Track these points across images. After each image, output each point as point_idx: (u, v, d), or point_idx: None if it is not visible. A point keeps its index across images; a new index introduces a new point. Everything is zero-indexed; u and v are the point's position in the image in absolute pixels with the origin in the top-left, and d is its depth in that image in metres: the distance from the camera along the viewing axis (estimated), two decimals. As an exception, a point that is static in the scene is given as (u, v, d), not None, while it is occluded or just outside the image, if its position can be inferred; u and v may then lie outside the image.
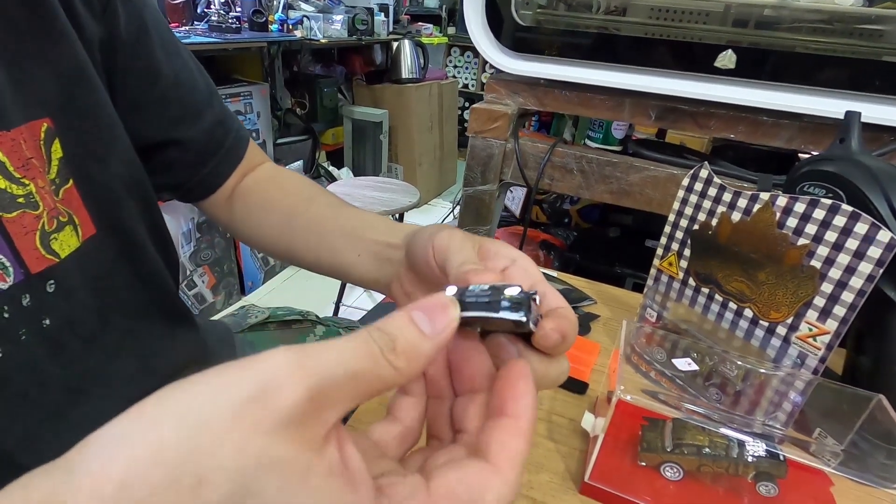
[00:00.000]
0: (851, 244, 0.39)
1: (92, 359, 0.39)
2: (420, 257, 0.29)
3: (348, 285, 1.96)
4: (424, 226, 0.31)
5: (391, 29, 2.78)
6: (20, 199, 0.32)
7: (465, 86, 3.66)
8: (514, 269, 0.26)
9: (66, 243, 0.36)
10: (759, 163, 1.03)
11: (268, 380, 0.14)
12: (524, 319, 0.19)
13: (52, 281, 0.35)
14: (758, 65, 0.65)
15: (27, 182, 0.33)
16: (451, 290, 0.20)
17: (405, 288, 0.33)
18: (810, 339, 0.42)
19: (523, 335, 0.22)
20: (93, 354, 0.39)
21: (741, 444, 0.37)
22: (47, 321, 0.35)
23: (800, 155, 0.92)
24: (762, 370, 0.43)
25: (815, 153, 0.69)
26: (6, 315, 0.32)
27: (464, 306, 0.19)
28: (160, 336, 0.46)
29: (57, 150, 0.35)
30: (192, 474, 0.13)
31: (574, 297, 0.63)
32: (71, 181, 0.36)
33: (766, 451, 0.36)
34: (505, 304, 0.19)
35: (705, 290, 0.50)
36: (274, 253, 0.48)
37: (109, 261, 0.40)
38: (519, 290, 0.20)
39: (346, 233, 0.40)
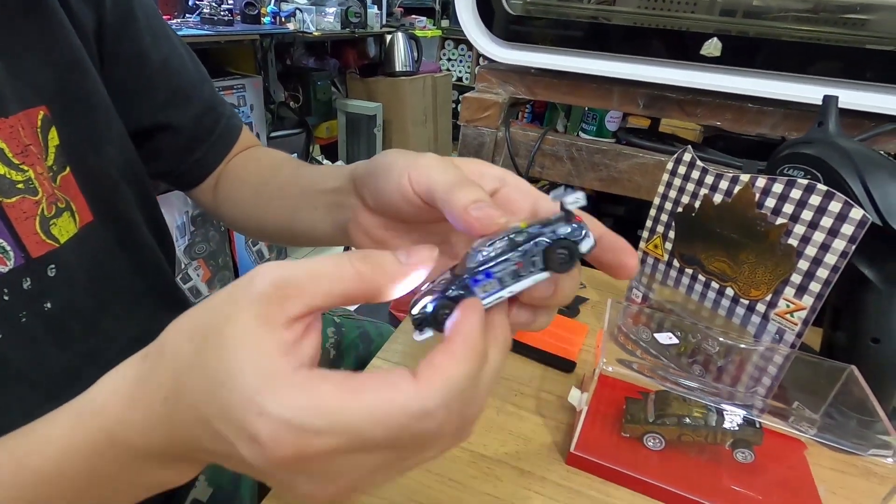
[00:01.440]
0: (826, 222, 0.40)
1: (91, 341, 0.39)
2: (394, 194, 0.25)
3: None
4: (377, 158, 0.27)
5: (384, 22, 2.77)
6: (19, 185, 0.33)
7: (459, 79, 3.66)
8: (508, 190, 0.25)
9: (65, 229, 0.36)
10: (749, 152, 1.04)
11: (251, 276, 0.19)
12: (586, 248, 0.19)
13: (52, 265, 0.35)
14: (743, 53, 0.66)
15: (26, 168, 0.34)
16: (410, 255, 0.20)
17: (370, 233, 0.30)
18: (788, 316, 0.44)
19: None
20: (92, 337, 0.39)
21: (720, 413, 0.38)
22: (48, 304, 0.36)
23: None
24: (742, 346, 0.45)
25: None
26: (6, 297, 0.33)
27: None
28: (157, 320, 0.47)
29: (54, 137, 0.36)
30: (200, 330, 0.19)
31: (563, 281, 0.64)
32: (68, 168, 0.37)
33: (744, 419, 0.37)
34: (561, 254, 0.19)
35: (689, 271, 0.51)
36: (249, 230, 0.47)
37: (107, 247, 0.41)
38: (555, 223, 0.19)
39: (303, 190, 0.38)
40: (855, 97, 0.63)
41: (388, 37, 2.70)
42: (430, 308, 0.20)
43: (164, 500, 0.39)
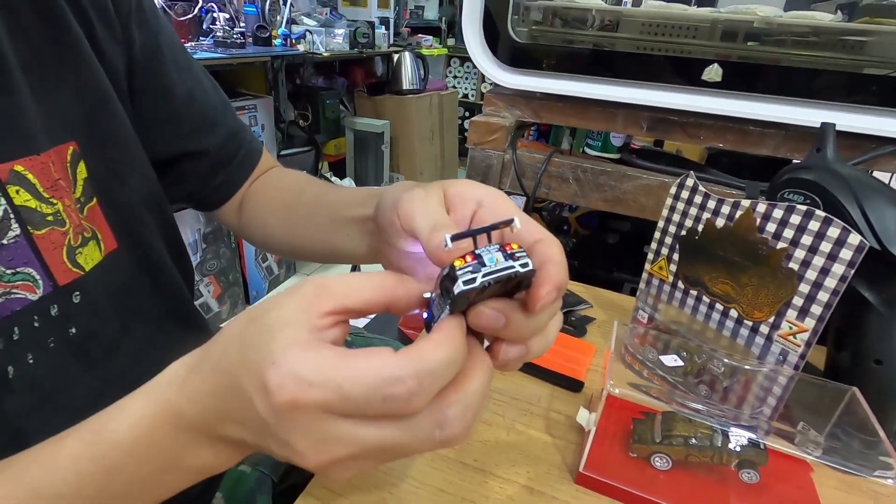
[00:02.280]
0: (825, 247, 0.41)
1: (115, 365, 0.41)
2: (388, 229, 0.30)
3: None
4: (387, 190, 0.32)
5: (392, 41, 2.83)
6: (49, 217, 0.35)
7: (465, 96, 3.72)
8: (483, 211, 0.27)
9: (90, 257, 0.38)
10: (754, 169, 1.06)
11: (300, 284, 0.23)
12: (532, 270, 0.21)
13: (77, 292, 0.37)
14: (743, 78, 0.68)
15: (55, 201, 0.35)
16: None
17: (391, 260, 0.33)
18: (791, 337, 0.45)
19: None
20: (116, 361, 0.41)
21: (725, 434, 0.39)
22: (73, 330, 0.37)
23: (792, 161, 0.95)
24: (746, 367, 0.46)
25: (797, 161, 0.72)
26: (36, 324, 0.35)
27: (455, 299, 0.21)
28: (177, 342, 0.49)
29: (82, 170, 0.38)
30: (251, 316, 0.24)
31: (570, 301, 0.66)
32: (94, 199, 0.39)
33: (748, 440, 0.38)
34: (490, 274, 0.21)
35: (693, 293, 0.52)
36: (279, 249, 0.50)
37: (129, 273, 0.42)
38: (497, 254, 0.21)
39: (332, 215, 0.42)
40: (855, 120, 0.65)
41: (396, 56, 2.76)
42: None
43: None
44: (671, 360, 0.47)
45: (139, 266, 0.43)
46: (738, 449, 0.39)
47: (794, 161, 0.76)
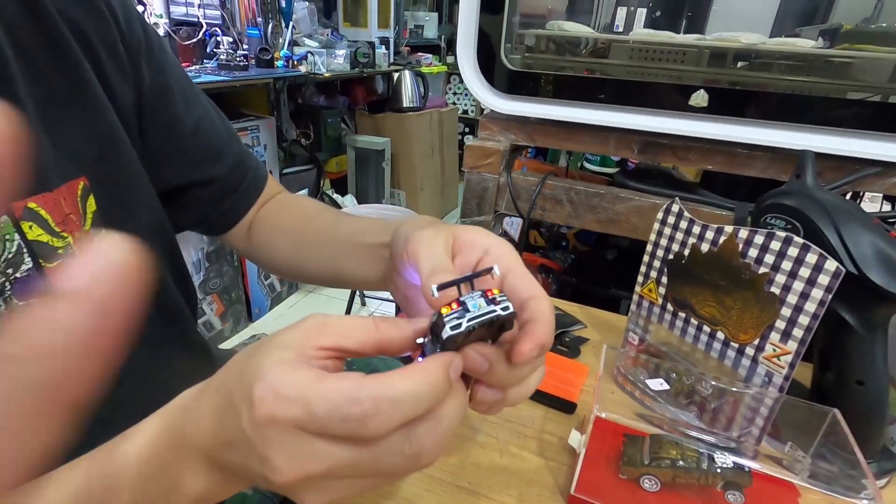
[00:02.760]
0: (804, 272, 0.43)
1: (120, 390, 0.43)
2: (398, 260, 0.32)
3: (353, 311, 2.00)
4: (405, 223, 0.34)
5: (392, 60, 2.88)
6: (60, 251, 0.37)
7: (465, 112, 3.76)
8: (488, 259, 0.29)
9: None
10: (750, 186, 1.07)
11: (303, 320, 0.25)
12: (513, 312, 0.23)
13: None
14: (728, 102, 0.70)
15: (66, 235, 0.37)
16: (421, 322, 0.25)
17: (399, 287, 0.35)
18: (775, 359, 0.46)
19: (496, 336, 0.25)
20: (121, 386, 0.43)
21: (710, 456, 0.40)
22: None
23: (783, 182, 0.97)
24: (733, 389, 0.47)
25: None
26: None
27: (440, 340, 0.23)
28: (180, 368, 0.50)
29: (91, 204, 0.40)
30: (250, 354, 0.25)
31: (565, 322, 0.67)
32: (103, 232, 0.41)
33: (733, 462, 0.39)
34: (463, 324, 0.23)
35: (682, 315, 0.54)
36: (287, 273, 0.52)
37: None
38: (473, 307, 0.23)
39: (344, 241, 0.44)
40: (837, 143, 0.67)
41: (396, 74, 2.80)
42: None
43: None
44: (657, 384, 0.48)
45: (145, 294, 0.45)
46: (722, 471, 0.40)
47: (782, 182, 0.78)
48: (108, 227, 0.41)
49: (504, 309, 0.23)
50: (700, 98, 0.70)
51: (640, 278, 0.58)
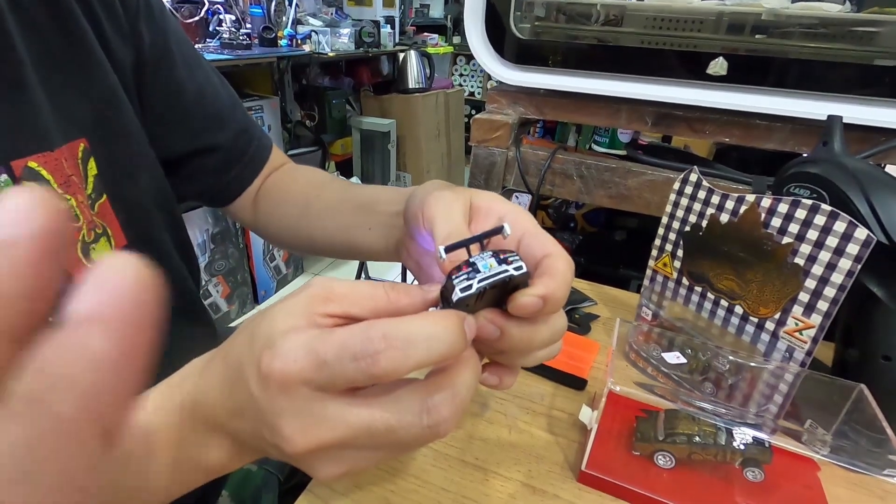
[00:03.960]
0: (831, 242, 0.41)
1: None
2: (412, 222, 0.31)
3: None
4: (421, 186, 0.32)
5: (397, 40, 2.83)
6: None
7: (472, 94, 3.71)
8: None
9: (102, 253, 0.39)
10: (763, 163, 1.04)
11: (308, 283, 0.23)
12: (526, 273, 0.21)
13: None
14: (749, 71, 0.67)
15: (69, 197, 0.36)
16: (434, 290, 0.23)
17: (411, 254, 0.35)
18: (797, 334, 0.44)
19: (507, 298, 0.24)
20: None
21: (729, 432, 0.39)
22: None
23: (801, 155, 0.94)
24: (752, 364, 0.45)
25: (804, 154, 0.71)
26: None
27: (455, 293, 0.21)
28: (184, 336, 0.49)
29: (92, 167, 0.39)
30: (257, 318, 0.23)
31: (575, 299, 0.65)
32: (105, 196, 0.40)
33: (752, 438, 0.38)
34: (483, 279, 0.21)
35: (698, 289, 0.52)
36: (294, 244, 0.51)
37: None
38: (491, 258, 0.22)
39: (357, 209, 0.42)
40: (864, 112, 0.64)
41: (401, 55, 2.76)
42: None
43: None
44: (674, 358, 0.46)
45: (148, 262, 0.44)
46: (742, 447, 0.38)
47: (801, 154, 0.75)
48: (109, 192, 0.40)
49: (517, 269, 0.21)
50: (719, 66, 0.67)
51: (653, 252, 0.56)
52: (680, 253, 0.53)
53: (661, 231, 0.54)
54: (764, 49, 0.73)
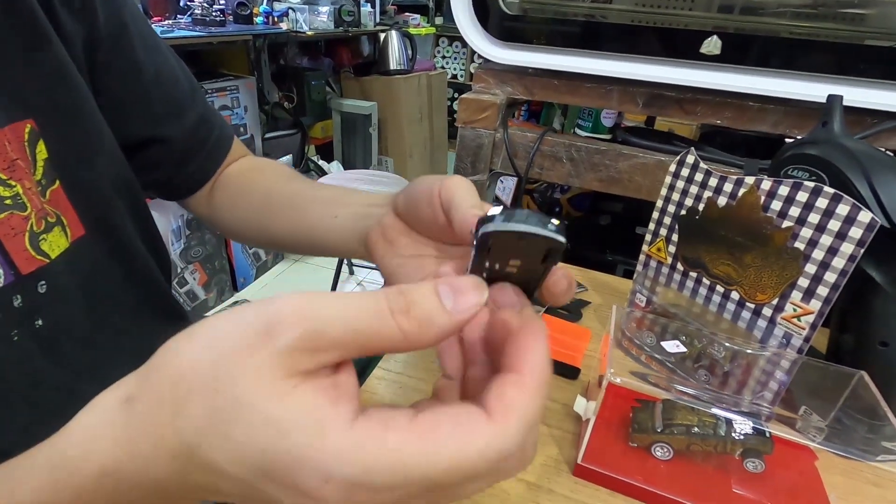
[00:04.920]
0: (833, 225, 0.39)
1: (86, 358, 0.39)
2: (423, 198, 0.28)
3: (340, 280, 1.96)
4: (411, 183, 0.31)
5: (378, 20, 2.75)
6: (7, 201, 0.32)
7: (454, 76, 3.65)
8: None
9: (56, 244, 0.36)
10: (748, 148, 1.04)
11: (273, 320, 0.17)
12: (562, 240, 0.19)
13: (42, 282, 0.35)
14: (742, 50, 0.66)
15: (14, 183, 0.33)
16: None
17: (386, 235, 0.32)
18: (795, 320, 0.43)
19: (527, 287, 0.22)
20: (87, 354, 0.39)
21: (728, 422, 0.38)
22: (40, 321, 0.35)
23: (786, 139, 0.93)
24: (748, 351, 0.44)
25: (800, 137, 0.70)
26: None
27: (504, 218, 0.19)
28: (154, 333, 0.46)
29: (42, 150, 0.35)
30: (210, 384, 0.17)
31: (565, 285, 0.64)
32: (57, 182, 0.36)
33: (753, 428, 0.37)
34: (547, 224, 0.19)
35: (693, 275, 0.50)
36: (251, 237, 0.47)
37: (99, 261, 0.40)
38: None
39: (325, 200, 0.39)
40: (856, 94, 0.63)
41: (382, 35, 2.68)
42: None
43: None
44: (673, 347, 0.45)
45: (110, 253, 0.41)
46: (742, 437, 0.37)
47: (791, 138, 0.74)
48: (63, 177, 0.36)
49: (556, 232, 0.19)
50: (713, 45, 0.65)
51: (647, 236, 0.54)
52: (675, 237, 0.51)
53: (655, 215, 0.53)
54: (757, 28, 0.71)
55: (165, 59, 0.45)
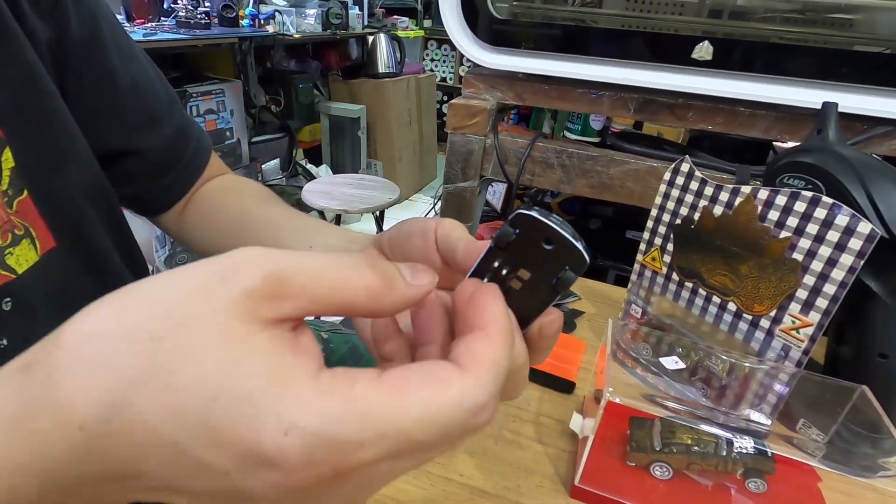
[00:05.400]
0: (833, 236, 0.39)
1: None
2: (416, 231, 0.26)
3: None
4: (393, 227, 0.28)
5: (366, 22, 2.74)
6: None
7: (443, 79, 3.64)
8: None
9: (24, 258, 0.33)
10: (736, 152, 1.04)
11: (232, 263, 0.15)
12: (587, 258, 0.18)
13: (8, 299, 0.32)
14: (734, 56, 0.65)
15: None
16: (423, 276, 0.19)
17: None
18: (793, 332, 0.42)
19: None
20: None
21: (729, 441, 0.36)
22: (4, 341, 0.33)
23: (775, 144, 0.93)
24: (746, 364, 0.43)
25: (791, 143, 0.69)
26: None
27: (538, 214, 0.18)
28: None
29: (8, 159, 0.33)
30: (148, 332, 0.15)
31: (558, 294, 0.62)
32: (25, 192, 0.34)
33: (755, 447, 0.36)
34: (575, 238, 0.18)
35: (689, 285, 0.49)
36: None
37: (72, 274, 0.38)
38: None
39: (302, 228, 0.38)
40: (847, 99, 0.62)
41: (371, 38, 2.67)
42: None
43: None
44: (672, 363, 0.44)
45: (83, 267, 0.39)
46: (743, 456, 0.36)
47: (782, 143, 0.74)
48: (31, 187, 0.34)
49: (585, 249, 0.18)
50: (704, 50, 0.65)
51: (642, 246, 0.53)
52: (670, 247, 0.50)
53: (649, 224, 0.52)
54: (747, 34, 0.70)
55: (141, 66, 0.43)
